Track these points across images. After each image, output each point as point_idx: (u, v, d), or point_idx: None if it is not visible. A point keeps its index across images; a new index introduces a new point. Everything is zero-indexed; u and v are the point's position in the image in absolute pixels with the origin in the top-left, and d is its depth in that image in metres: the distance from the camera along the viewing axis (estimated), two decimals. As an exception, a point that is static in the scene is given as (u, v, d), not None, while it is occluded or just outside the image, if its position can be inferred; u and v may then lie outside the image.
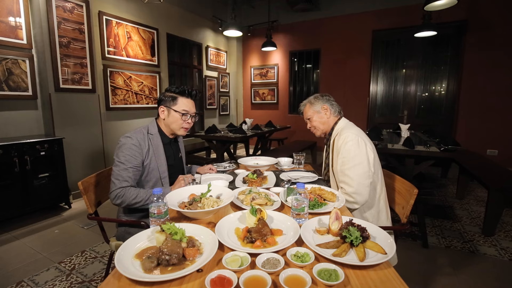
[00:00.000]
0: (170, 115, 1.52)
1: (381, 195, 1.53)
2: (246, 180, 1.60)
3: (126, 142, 1.43)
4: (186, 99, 1.53)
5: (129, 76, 4.19)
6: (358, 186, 1.41)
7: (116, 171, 1.40)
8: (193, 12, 5.48)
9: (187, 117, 1.53)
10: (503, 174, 2.78)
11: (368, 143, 1.50)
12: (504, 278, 1.90)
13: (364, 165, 1.43)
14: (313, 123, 1.72)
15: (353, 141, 1.46)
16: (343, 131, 1.54)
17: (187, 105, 1.53)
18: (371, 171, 1.45)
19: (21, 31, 2.93)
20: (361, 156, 1.44)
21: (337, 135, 1.58)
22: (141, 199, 1.39)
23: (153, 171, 1.50)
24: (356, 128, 1.59)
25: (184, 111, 1.51)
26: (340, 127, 1.61)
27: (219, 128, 4.54)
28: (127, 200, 1.38)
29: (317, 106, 1.69)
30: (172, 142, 1.65)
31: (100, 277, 1.91)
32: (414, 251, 2.23)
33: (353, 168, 1.43)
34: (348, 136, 1.48)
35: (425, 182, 4.07)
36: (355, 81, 5.59)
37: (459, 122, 4.86)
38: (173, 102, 1.51)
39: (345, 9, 5.52)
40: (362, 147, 1.46)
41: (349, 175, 1.44)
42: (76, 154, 3.38)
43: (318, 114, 1.69)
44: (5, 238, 2.46)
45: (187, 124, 1.55)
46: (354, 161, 1.44)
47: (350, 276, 0.77)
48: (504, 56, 4.39)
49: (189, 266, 0.80)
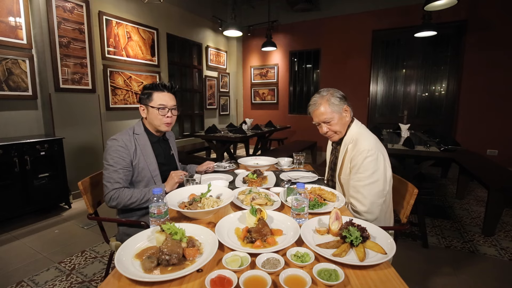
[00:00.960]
0: (149, 112, 1.51)
1: (389, 207, 1.45)
2: (246, 180, 1.60)
3: (112, 144, 1.44)
4: (162, 93, 1.51)
5: (129, 76, 4.19)
6: (371, 206, 1.32)
7: (107, 174, 1.40)
8: (193, 12, 5.48)
9: (165, 111, 1.50)
10: (503, 174, 2.78)
11: (386, 157, 1.39)
12: (504, 278, 1.90)
13: (380, 183, 1.32)
14: (334, 127, 1.45)
15: (372, 157, 1.32)
16: (360, 141, 1.37)
17: (163, 99, 1.50)
18: (385, 189, 1.35)
19: (21, 31, 2.93)
20: (378, 173, 1.32)
21: (351, 142, 1.42)
22: (136, 199, 1.39)
23: (143, 171, 1.50)
24: (372, 136, 1.42)
25: (160, 105, 1.48)
26: (354, 132, 1.44)
27: (219, 128, 4.54)
28: (122, 201, 1.38)
29: (338, 106, 1.43)
30: (161, 140, 1.64)
31: (100, 277, 1.91)
32: (414, 251, 2.23)
33: (369, 186, 1.32)
34: (369, 151, 1.32)
35: (425, 182, 4.07)
36: (355, 81, 5.59)
37: (459, 122, 4.86)
38: (149, 99, 1.50)
39: (345, 9, 5.52)
40: (381, 163, 1.33)
41: (363, 193, 1.32)
42: (76, 154, 3.38)
43: (340, 116, 1.44)
44: (5, 238, 2.46)
45: (168, 118, 1.52)
46: (371, 178, 1.31)
47: (350, 276, 0.77)
48: (504, 56, 4.39)
49: (189, 266, 0.80)
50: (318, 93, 1.48)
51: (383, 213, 1.43)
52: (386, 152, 1.41)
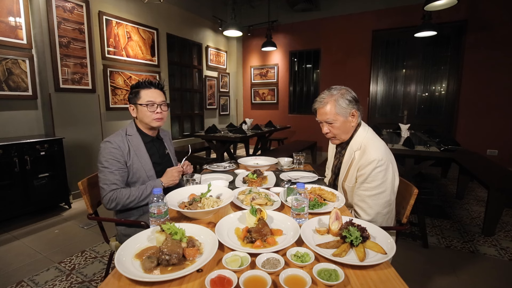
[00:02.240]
0: (139, 111, 1.52)
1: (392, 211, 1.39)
2: (246, 180, 1.60)
3: (106, 146, 1.44)
4: (148, 89, 1.52)
5: (129, 76, 4.19)
6: (376, 216, 1.28)
7: (103, 177, 1.40)
8: (193, 12, 5.48)
9: (154, 107, 1.50)
10: (503, 174, 2.78)
11: (395, 166, 1.33)
12: (504, 278, 1.90)
13: (387, 193, 1.27)
14: (334, 130, 1.38)
15: (382, 167, 1.25)
16: (369, 149, 1.30)
17: (151, 95, 1.51)
18: (392, 199, 1.31)
19: (21, 31, 2.93)
20: (386, 184, 1.27)
21: (359, 149, 1.35)
22: (135, 197, 1.39)
23: (138, 171, 1.50)
24: (381, 143, 1.35)
25: (149, 102, 1.49)
26: (361, 138, 1.37)
27: (219, 128, 4.54)
28: (121, 201, 1.38)
29: (345, 110, 1.34)
30: (155, 140, 1.64)
31: (100, 277, 1.91)
32: (414, 251, 2.23)
33: (375, 196, 1.27)
34: (379, 161, 1.25)
35: (425, 182, 4.07)
36: (355, 81, 5.59)
37: (459, 122, 4.85)
38: (136, 97, 1.51)
39: (345, 9, 5.52)
40: (390, 173, 1.28)
41: (369, 203, 1.28)
42: (76, 154, 3.38)
43: (344, 120, 1.36)
44: (5, 238, 2.46)
45: (158, 114, 1.52)
46: (378, 189, 1.27)
47: (350, 276, 0.77)
48: (504, 56, 4.39)
49: (189, 266, 0.80)
50: (328, 90, 1.39)
51: (387, 218, 1.39)
52: (394, 160, 1.35)
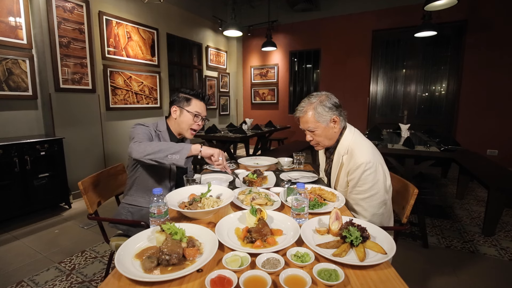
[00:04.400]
0: (182, 115, 1.57)
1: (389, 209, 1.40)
2: (246, 180, 1.60)
3: (139, 126, 1.52)
4: (200, 102, 1.60)
5: (129, 76, 4.19)
6: (373, 217, 1.29)
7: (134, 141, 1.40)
8: (193, 12, 5.48)
9: (199, 119, 1.59)
10: (503, 174, 2.78)
11: (384, 166, 1.33)
12: (504, 278, 1.90)
13: (380, 194, 1.28)
14: (317, 137, 1.41)
15: (371, 170, 1.26)
16: (356, 152, 1.30)
17: (200, 107, 1.59)
18: (386, 199, 1.32)
19: (21, 31, 2.93)
20: (378, 185, 1.27)
21: (346, 153, 1.36)
22: (159, 148, 1.32)
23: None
24: (367, 144, 1.35)
25: (196, 112, 1.57)
26: (348, 142, 1.37)
27: (219, 128, 4.54)
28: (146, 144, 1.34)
29: (324, 117, 1.34)
30: (180, 141, 1.68)
31: (100, 277, 1.91)
32: (414, 251, 2.23)
33: (368, 199, 1.28)
34: (367, 164, 1.25)
35: (425, 182, 4.07)
36: (355, 81, 5.59)
37: (459, 122, 4.86)
38: (186, 103, 1.57)
39: (345, 9, 5.52)
40: (380, 174, 1.28)
41: (363, 205, 1.30)
42: (76, 154, 3.38)
43: (325, 127, 1.36)
44: (5, 238, 2.46)
45: (197, 125, 1.60)
46: (371, 191, 1.27)
47: (350, 276, 0.77)
48: (504, 56, 4.39)
49: (189, 266, 0.80)
50: (308, 98, 1.39)
51: (383, 216, 1.40)
52: (383, 160, 1.35)
